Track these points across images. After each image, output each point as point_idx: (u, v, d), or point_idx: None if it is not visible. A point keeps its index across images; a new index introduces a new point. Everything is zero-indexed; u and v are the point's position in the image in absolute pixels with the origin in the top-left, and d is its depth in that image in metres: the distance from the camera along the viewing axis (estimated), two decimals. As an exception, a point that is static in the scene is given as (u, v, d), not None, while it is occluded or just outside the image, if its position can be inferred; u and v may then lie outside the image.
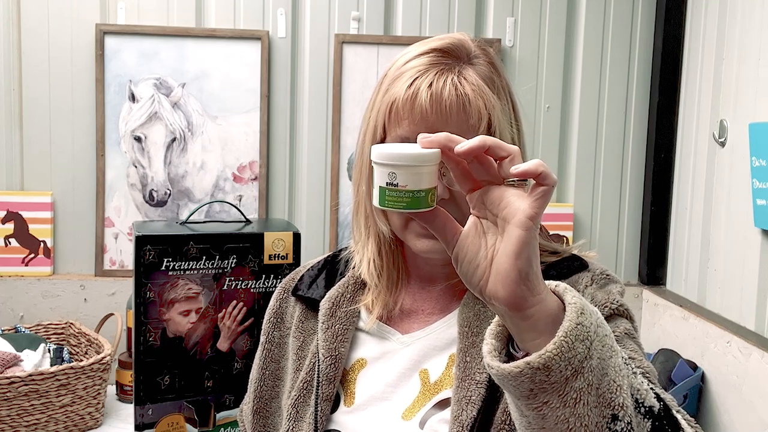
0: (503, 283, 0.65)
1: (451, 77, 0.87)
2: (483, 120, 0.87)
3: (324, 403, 0.93)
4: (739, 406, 1.79)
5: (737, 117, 1.90)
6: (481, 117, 0.87)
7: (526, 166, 0.64)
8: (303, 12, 2.20)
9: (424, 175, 0.67)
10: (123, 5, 2.14)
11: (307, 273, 1.06)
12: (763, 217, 1.76)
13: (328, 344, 0.95)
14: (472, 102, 0.87)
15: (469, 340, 0.88)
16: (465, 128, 0.86)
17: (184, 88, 2.16)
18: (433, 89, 0.86)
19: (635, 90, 2.29)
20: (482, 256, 0.67)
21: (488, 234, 0.68)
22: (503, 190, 0.67)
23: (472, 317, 0.89)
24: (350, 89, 2.20)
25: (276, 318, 1.07)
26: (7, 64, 2.12)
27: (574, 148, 2.30)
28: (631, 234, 2.33)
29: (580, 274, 0.92)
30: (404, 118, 0.88)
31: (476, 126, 0.87)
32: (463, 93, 0.87)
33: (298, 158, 2.24)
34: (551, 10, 2.25)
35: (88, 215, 2.17)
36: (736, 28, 1.91)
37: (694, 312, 2.02)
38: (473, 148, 0.65)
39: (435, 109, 0.86)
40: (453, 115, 0.86)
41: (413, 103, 0.87)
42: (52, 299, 2.14)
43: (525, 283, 0.65)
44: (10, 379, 1.66)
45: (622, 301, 0.89)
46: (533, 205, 0.64)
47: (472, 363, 0.86)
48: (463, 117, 0.87)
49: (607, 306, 0.87)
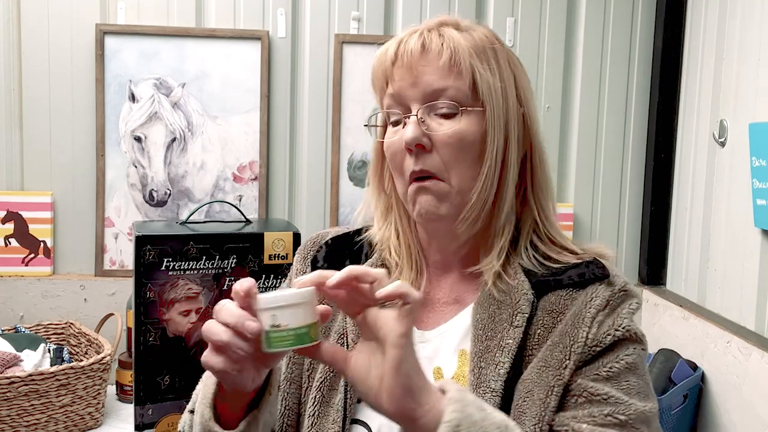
0: (390, 398, 0.71)
1: (434, 32, 0.90)
2: (451, 61, 0.88)
3: (353, 391, 0.91)
4: (739, 406, 1.79)
5: (737, 117, 1.90)
6: (442, 55, 0.88)
7: (388, 290, 0.71)
8: (303, 12, 2.20)
9: (302, 313, 0.73)
10: (123, 5, 2.14)
11: (326, 245, 1.03)
12: (763, 217, 1.76)
13: (357, 329, 0.92)
14: (434, 44, 0.88)
15: (483, 345, 0.87)
16: (453, 70, 0.88)
17: (184, 88, 2.16)
18: (419, 41, 0.89)
19: (635, 90, 2.29)
20: (374, 376, 0.72)
21: (377, 353, 0.73)
22: (378, 312, 0.72)
23: (487, 319, 0.89)
24: (350, 89, 2.20)
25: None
26: (7, 64, 2.12)
27: (574, 148, 2.30)
28: (631, 234, 2.33)
29: (597, 286, 0.89)
30: (394, 76, 0.90)
31: (447, 68, 0.88)
32: (448, 37, 0.89)
33: (298, 158, 2.24)
34: (551, 10, 2.25)
35: (88, 215, 2.17)
36: (736, 28, 1.91)
37: (694, 312, 2.02)
38: (341, 280, 0.71)
39: (420, 56, 0.88)
40: (441, 58, 0.88)
41: (401, 57, 0.90)
42: (52, 299, 2.14)
43: (410, 396, 0.70)
44: (10, 379, 1.66)
45: (629, 324, 0.88)
46: (402, 323, 0.70)
47: (487, 370, 0.86)
48: (450, 57, 0.88)
49: (610, 334, 0.86)
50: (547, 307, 0.88)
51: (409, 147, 0.88)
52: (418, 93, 0.89)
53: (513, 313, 0.88)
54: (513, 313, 0.88)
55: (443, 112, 0.89)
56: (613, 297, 0.89)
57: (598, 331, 0.86)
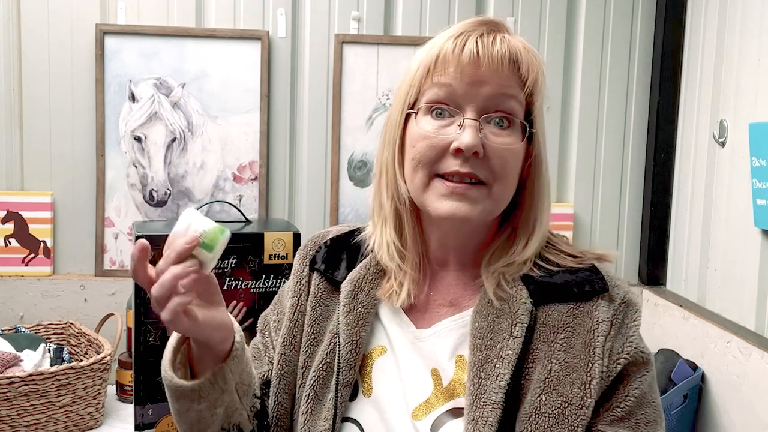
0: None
1: (498, 35, 0.89)
2: (531, 75, 0.88)
3: (344, 390, 0.93)
4: (739, 406, 1.79)
5: (737, 117, 1.90)
6: (530, 71, 0.88)
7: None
8: (303, 12, 2.20)
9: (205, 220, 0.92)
10: (123, 5, 2.14)
11: (325, 245, 1.03)
12: (763, 217, 1.76)
13: (349, 329, 0.94)
14: (523, 55, 0.89)
15: (483, 354, 0.87)
16: (515, 81, 0.88)
17: (184, 88, 2.16)
18: (485, 40, 0.88)
19: (635, 90, 2.29)
20: None
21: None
22: None
23: (486, 327, 0.88)
24: (350, 89, 2.20)
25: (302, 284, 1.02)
26: (7, 64, 2.12)
27: (574, 148, 2.30)
28: (631, 234, 2.33)
29: (599, 302, 0.89)
30: (451, 65, 0.88)
31: (525, 79, 0.89)
32: (513, 46, 0.89)
33: (298, 158, 2.24)
34: (551, 10, 2.25)
35: (88, 215, 2.17)
36: (736, 28, 1.91)
37: (694, 312, 2.02)
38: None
39: (486, 59, 0.87)
40: (505, 66, 0.88)
41: (461, 50, 0.88)
42: (52, 299, 2.14)
43: None
44: (10, 379, 1.66)
45: (637, 343, 0.88)
46: None
47: (487, 381, 0.85)
48: (515, 68, 0.88)
49: (620, 362, 0.86)
50: (547, 321, 0.88)
51: (466, 152, 0.87)
52: (480, 96, 0.88)
53: (512, 323, 0.87)
54: (512, 323, 0.87)
55: (498, 121, 0.89)
56: (617, 314, 0.88)
57: (608, 361, 0.86)
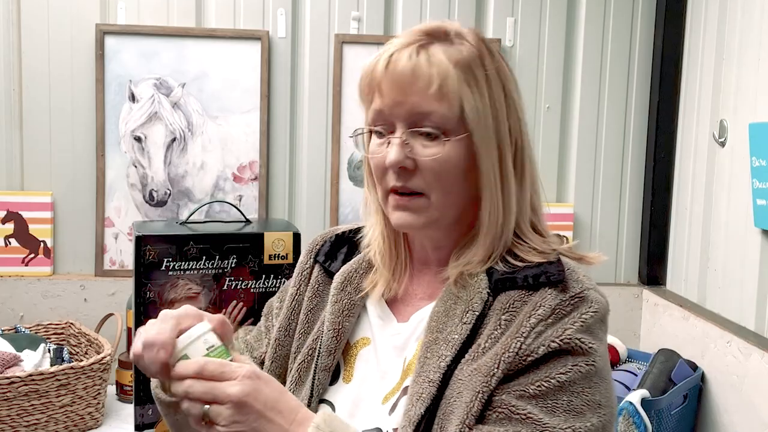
0: None
1: (425, 48, 0.89)
2: (433, 86, 0.87)
3: (322, 374, 0.97)
4: (739, 406, 1.79)
5: (737, 117, 1.90)
6: (431, 82, 0.87)
7: None
8: (303, 12, 2.20)
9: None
10: (123, 5, 2.14)
11: (330, 241, 1.08)
12: (763, 217, 1.76)
13: (333, 317, 0.99)
14: (424, 69, 0.87)
15: (433, 336, 0.90)
16: (431, 94, 0.87)
17: (184, 88, 2.15)
18: (403, 56, 0.89)
19: (635, 90, 2.29)
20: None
21: None
22: None
23: (442, 313, 0.91)
24: (350, 89, 2.20)
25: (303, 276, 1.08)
26: (7, 64, 2.12)
27: (574, 148, 2.30)
28: (631, 234, 2.33)
29: (548, 291, 0.87)
30: (375, 88, 0.91)
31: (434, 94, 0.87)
32: (417, 62, 0.88)
33: (298, 158, 2.24)
34: (551, 10, 2.25)
35: (88, 215, 2.17)
36: (736, 28, 1.91)
37: (694, 312, 2.02)
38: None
39: (399, 77, 0.88)
40: (418, 81, 0.87)
41: (384, 70, 0.90)
42: (52, 299, 2.14)
43: None
44: (10, 379, 1.66)
45: (575, 335, 0.84)
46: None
47: (431, 360, 0.88)
48: (417, 83, 0.88)
49: (545, 345, 0.84)
50: (498, 307, 0.89)
51: (392, 169, 0.90)
52: (404, 113, 0.89)
53: (465, 310, 0.89)
54: (465, 310, 0.89)
55: (428, 132, 0.89)
56: (562, 305, 0.86)
57: (533, 342, 0.84)
